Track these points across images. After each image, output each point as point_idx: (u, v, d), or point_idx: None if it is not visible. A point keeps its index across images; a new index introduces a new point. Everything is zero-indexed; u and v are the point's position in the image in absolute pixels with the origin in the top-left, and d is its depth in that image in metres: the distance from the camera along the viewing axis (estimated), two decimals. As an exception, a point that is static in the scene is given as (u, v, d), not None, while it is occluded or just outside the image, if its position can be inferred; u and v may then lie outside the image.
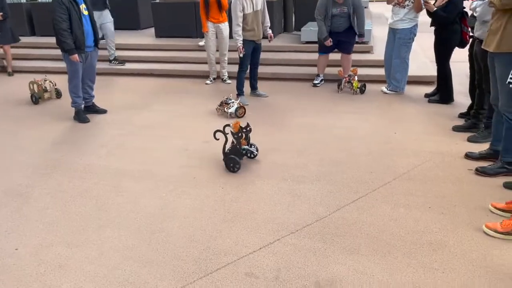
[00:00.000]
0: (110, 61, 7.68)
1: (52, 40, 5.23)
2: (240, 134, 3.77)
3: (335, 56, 6.45)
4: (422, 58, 7.31)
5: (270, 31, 5.82)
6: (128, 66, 7.69)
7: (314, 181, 3.58)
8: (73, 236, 2.91)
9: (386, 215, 3.04)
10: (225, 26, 6.48)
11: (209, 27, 6.40)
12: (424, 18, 5.59)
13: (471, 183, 3.46)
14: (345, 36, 6.07)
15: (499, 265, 2.49)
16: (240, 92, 5.87)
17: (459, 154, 3.96)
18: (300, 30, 7.81)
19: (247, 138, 3.91)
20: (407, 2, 5.46)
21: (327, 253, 2.65)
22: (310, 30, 7.45)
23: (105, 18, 7.30)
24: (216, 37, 6.52)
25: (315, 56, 6.60)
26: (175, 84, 6.91)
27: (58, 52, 5.29)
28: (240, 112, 5.30)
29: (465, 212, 3.05)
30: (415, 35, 5.68)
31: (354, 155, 4.06)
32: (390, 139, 4.43)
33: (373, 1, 16.18)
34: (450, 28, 5.09)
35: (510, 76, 2.65)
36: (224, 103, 5.32)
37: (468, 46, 4.84)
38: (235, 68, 6.85)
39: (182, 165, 3.95)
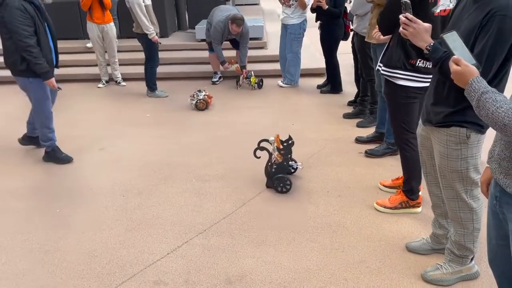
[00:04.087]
0: None
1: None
2: (287, 150, 3.33)
3: (231, 53, 6.51)
4: (312, 52, 7.72)
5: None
6: (7, 73, 6.91)
7: (219, 178, 3.58)
8: (-51, 270, 2.54)
9: (289, 204, 3.16)
10: (110, 27, 6.14)
11: (93, 29, 6.04)
12: (311, 13, 5.89)
13: (362, 165, 3.75)
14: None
15: (390, 238, 2.74)
16: (154, 88, 5.88)
17: (350, 139, 4.27)
18: (194, 28, 7.73)
19: (291, 153, 3.43)
20: (291, 2, 5.71)
21: (236, 249, 2.67)
22: (205, 28, 7.40)
23: None
24: (103, 39, 6.17)
25: (211, 53, 6.60)
26: (65, 89, 6.38)
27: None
28: (201, 105, 5.22)
29: (359, 192, 3.30)
30: (304, 30, 5.97)
31: (256, 149, 4.14)
32: (288, 130, 4.59)
33: (264, -2, 16.62)
34: (335, 23, 5.43)
35: (378, 64, 2.92)
36: (194, 95, 5.32)
37: (350, 38, 5.22)
38: (129, 70, 6.61)
39: (77, 177, 3.67)
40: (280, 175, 3.28)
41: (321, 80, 6.27)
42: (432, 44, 1.90)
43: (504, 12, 1.71)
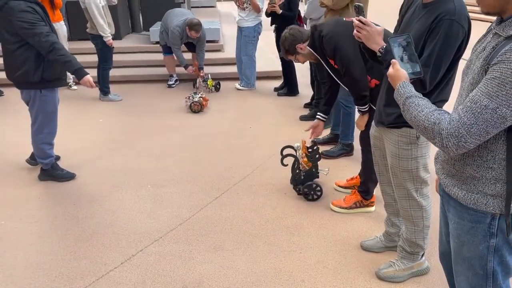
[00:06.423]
0: None
1: None
2: (317, 156, 3.23)
3: (187, 55, 6.42)
4: (268, 54, 7.77)
5: None
6: None
7: (175, 183, 3.51)
8: None
9: (247, 207, 3.15)
10: (60, 26, 5.88)
11: None
12: (266, 17, 5.93)
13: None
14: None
15: (346, 237, 2.79)
16: (107, 91, 5.73)
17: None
18: (148, 30, 7.57)
19: (320, 159, 3.32)
20: (245, 5, 5.72)
21: (193, 255, 2.62)
22: (159, 30, 7.27)
23: None
24: None
25: (166, 56, 6.48)
26: (10, 95, 6.07)
27: None
28: (195, 107, 5.12)
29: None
30: (259, 33, 5.99)
31: (213, 152, 4.10)
32: (246, 133, 4.60)
33: (220, 1, 16.65)
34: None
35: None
36: (189, 97, 5.21)
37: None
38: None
39: (24, 185, 3.48)
40: (309, 182, 3.21)
41: (278, 83, 6.31)
42: (384, 46, 1.95)
43: (452, 17, 1.78)
